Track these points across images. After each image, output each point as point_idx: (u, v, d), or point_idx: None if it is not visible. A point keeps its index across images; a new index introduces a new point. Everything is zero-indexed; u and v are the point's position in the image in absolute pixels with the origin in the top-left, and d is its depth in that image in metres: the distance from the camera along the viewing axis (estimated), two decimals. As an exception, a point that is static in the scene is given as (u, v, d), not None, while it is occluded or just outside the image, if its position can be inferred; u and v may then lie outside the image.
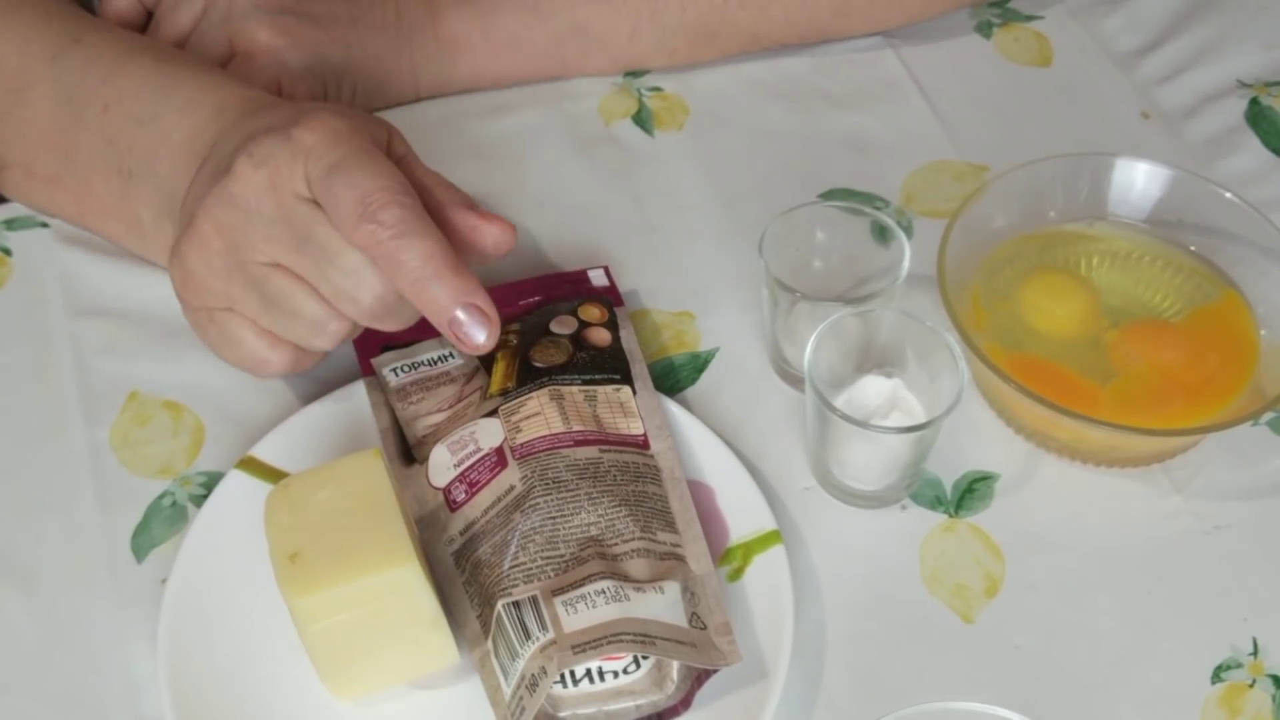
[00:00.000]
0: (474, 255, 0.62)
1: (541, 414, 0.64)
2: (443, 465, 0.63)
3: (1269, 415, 0.70)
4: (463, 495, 0.62)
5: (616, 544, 0.60)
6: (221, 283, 0.61)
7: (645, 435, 0.65)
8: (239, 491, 0.64)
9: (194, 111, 0.66)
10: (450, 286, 0.57)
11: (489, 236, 0.62)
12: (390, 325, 0.61)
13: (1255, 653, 0.63)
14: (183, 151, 0.65)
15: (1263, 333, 0.69)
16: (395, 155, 0.62)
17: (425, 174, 0.63)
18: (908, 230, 0.77)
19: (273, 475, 0.64)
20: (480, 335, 0.58)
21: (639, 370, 0.67)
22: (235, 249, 0.60)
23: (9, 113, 0.70)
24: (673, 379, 0.71)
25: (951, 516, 0.67)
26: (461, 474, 0.63)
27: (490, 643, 0.58)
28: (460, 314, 0.58)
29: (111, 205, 0.70)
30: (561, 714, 0.57)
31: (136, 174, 0.67)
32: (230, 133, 0.63)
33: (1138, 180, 0.74)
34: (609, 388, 0.66)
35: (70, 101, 0.68)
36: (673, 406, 0.67)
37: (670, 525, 0.62)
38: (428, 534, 0.63)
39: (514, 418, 0.64)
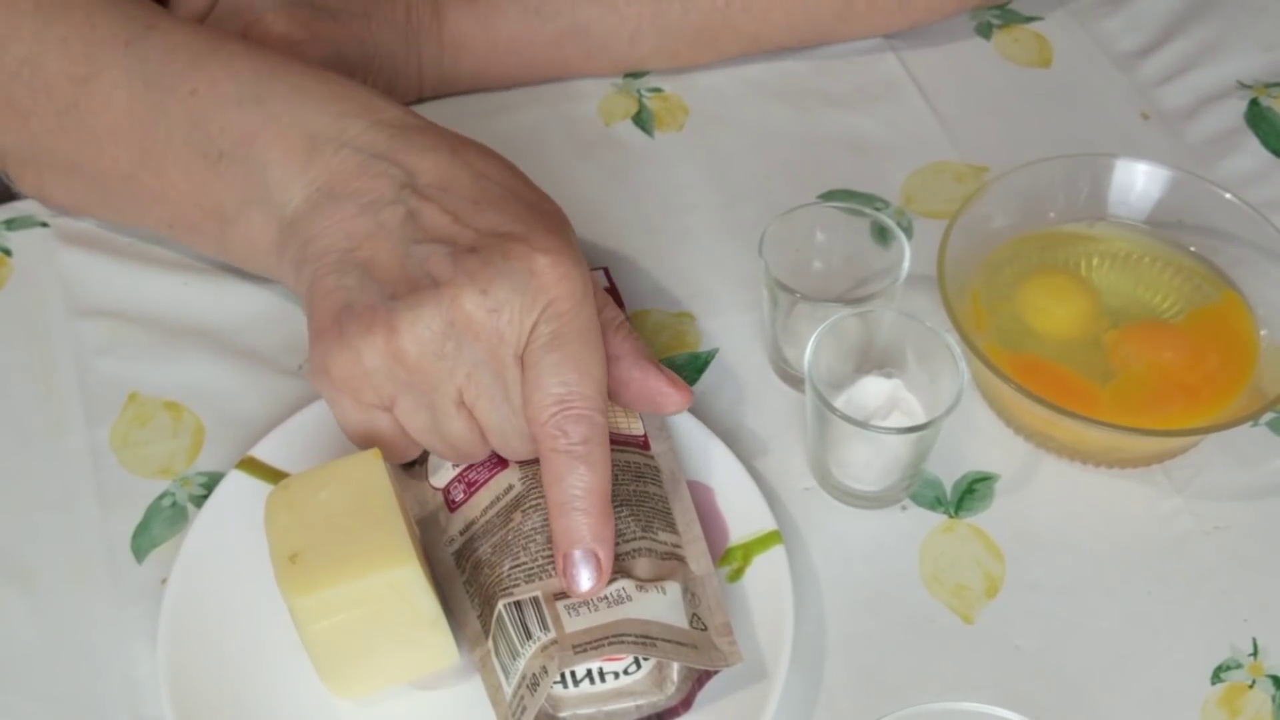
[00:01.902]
0: (650, 411, 0.63)
1: (542, 414, 0.64)
2: (442, 466, 0.63)
3: (1269, 416, 0.70)
4: (462, 495, 0.62)
5: (618, 544, 0.60)
6: (394, 389, 0.58)
7: (646, 436, 0.65)
8: (239, 492, 0.64)
9: (302, 98, 0.62)
10: (590, 528, 0.57)
11: (671, 404, 0.62)
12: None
13: (1255, 653, 0.63)
14: (291, 135, 0.61)
15: (1263, 333, 0.70)
16: (602, 317, 0.61)
17: (626, 345, 0.62)
18: (908, 231, 0.77)
19: (273, 476, 0.64)
20: (586, 584, 0.57)
21: (639, 371, 0.67)
22: (430, 374, 0.57)
23: (74, 104, 0.65)
24: (673, 379, 0.71)
25: (951, 517, 0.67)
26: (460, 474, 0.63)
27: (491, 642, 0.58)
28: (578, 553, 0.57)
29: (189, 194, 0.64)
30: (562, 714, 0.57)
31: (227, 156, 0.62)
32: (348, 122, 0.60)
33: (1137, 181, 0.74)
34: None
35: (149, 87, 0.64)
36: (673, 407, 0.67)
37: (671, 526, 0.62)
38: (428, 534, 0.63)
39: (514, 418, 0.64)
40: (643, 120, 0.83)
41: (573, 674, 0.57)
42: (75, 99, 0.65)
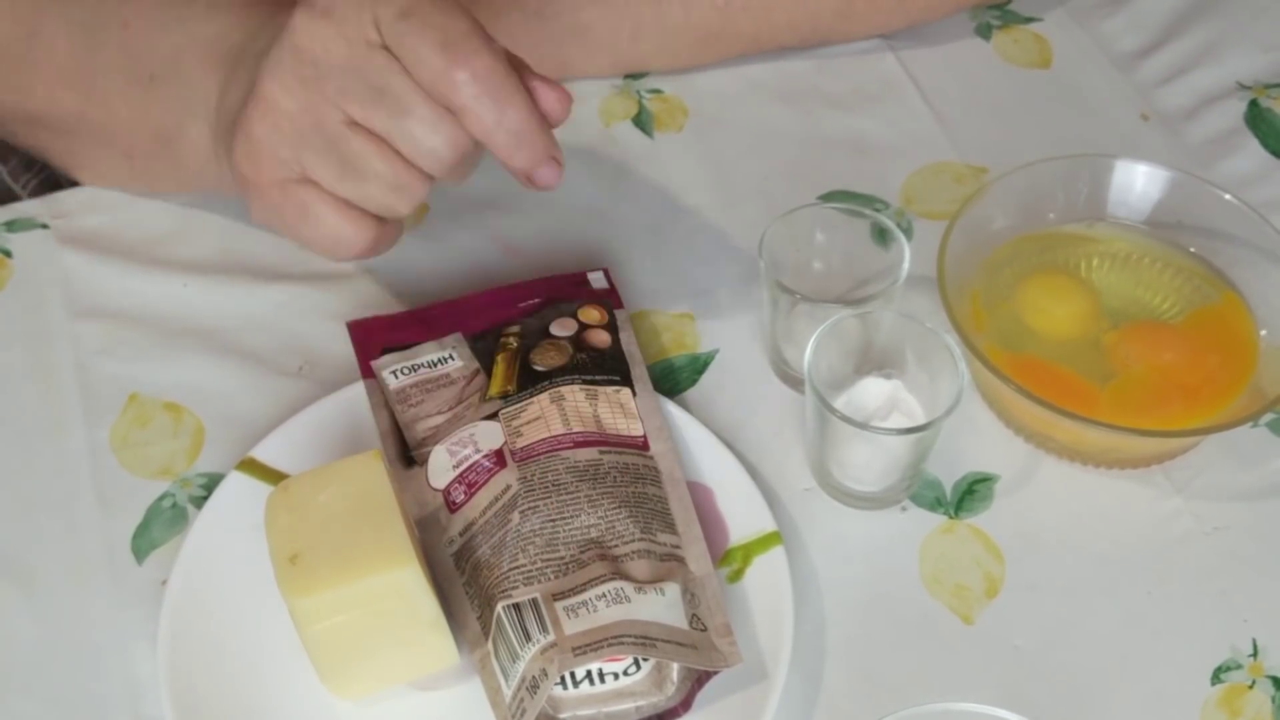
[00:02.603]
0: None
1: (543, 417, 0.64)
2: (442, 467, 0.63)
3: (1269, 416, 0.70)
4: (462, 496, 0.62)
5: (617, 545, 0.60)
6: (292, 150, 0.57)
7: (645, 437, 0.65)
8: (239, 493, 0.64)
9: (218, 13, 0.64)
10: (541, 147, 0.57)
11: (544, 98, 0.59)
12: (456, 178, 0.59)
13: (1255, 654, 0.63)
14: (210, 51, 0.63)
15: (1262, 334, 0.70)
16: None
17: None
18: (907, 232, 0.77)
19: (273, 477, 0.64)
20: (554, 182, 0.58)
21: (639, 372, 0.67)
22: (307, 109, 0.56)
23: (24, 57, 0.69)
24: (672, 380, 0.71)
25: (951, 517, 0.67)
26: (460, 475, 0.63)
27: (490, 644, 0.58)
28: (544, 170, 0.57)
29: (134, 120, 0.68)
30: (562, 715, 0.57)
31: (159, 77, 0.66)
32: (259, 33, 0.62)
33: (1137, 182, 0.74)
34: (609, 389, 0.66)
35: (87, 29, 0.68)
36: (672, 408, 0.67)
37: (670, 527, 0.62)
38: (428, 535, 0.63)
39: (515, 422, 0.64)
40: (642, 121, 0.83)
41: (572, 675, 0.57)
42: (24, 55, 0.69)
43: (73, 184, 0.78)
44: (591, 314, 0.70)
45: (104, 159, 0.73)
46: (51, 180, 0.80)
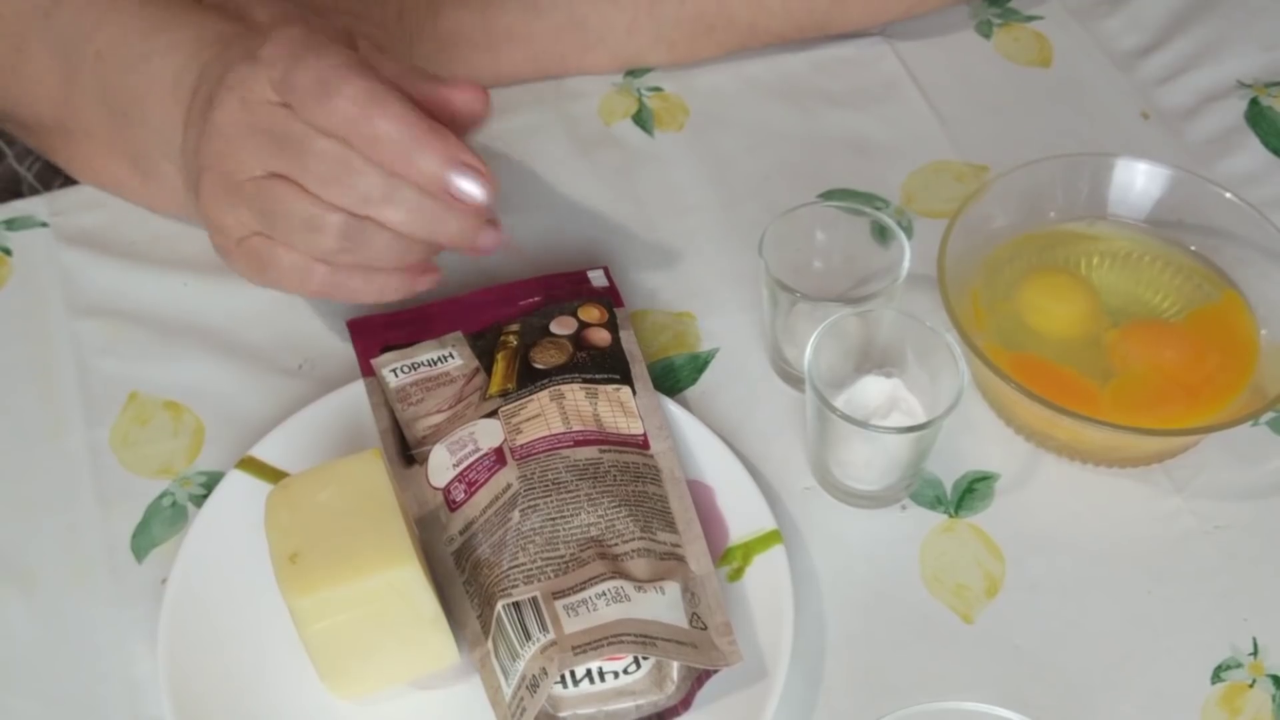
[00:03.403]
0: (450, 126, 0.61)
1: (542, 415, 0.64)
2: (442, 465, 0.63)
3: (1269, 415, 0.70)
4: (462, 495, 0.62)
5: (617, 544, 0.60)
6: (231, 214, 0.61)
7: (645, 435, 0.65)
8: (239, 492, 0.64)
9: (176, 51, 0.66)
10: (435, 150, 0.57)
11: (456, 99, 0.60)
12: (391, 213, 0.59)
13: (1255, 653, 0.63)
14: (170, 93, 0.65)
15: (1263, 333, 0.69)
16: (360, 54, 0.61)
17: (393, 68, 0.61)
18: (908, 230, 0.77)
19: (273, 475, 0.64)
20: (478, 191, 0.58)
21: (639, 371, 0.67)
22: (228, 175, 0.60)
23: (16, 69, 0.71)
24: (673, 379, 0.71)
25: (951, 516, 0.67)
26: (460, 474, 0.63)
27: (490, 643, 0.58)
28: (454, 176, 0.57)
29: (112, 150, 0.70)
30: (562, 714, 0.57)
31: (130, 117, 0.68)
32: (209, 70, 0.63)
33: (1138, 180, 0.74)
34: (609, 387, 0.66)
35: (65, 55, 0.69)
36: (673, 407, 0.67)
37: (670, 525, 0.62)
38: (428, 534, 0.63)
39: (514, 420, 0.64)
40: (642, 120, 0.83)
41: (572, 673, 0.57)
42: (16, 65, 0.71)
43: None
44: (591, 312, 0.70)
45: (100, 171, 0.74)
46: (53, 164, 0.80)
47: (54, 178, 0.83)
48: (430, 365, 0.68)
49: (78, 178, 0.76)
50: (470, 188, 0.58)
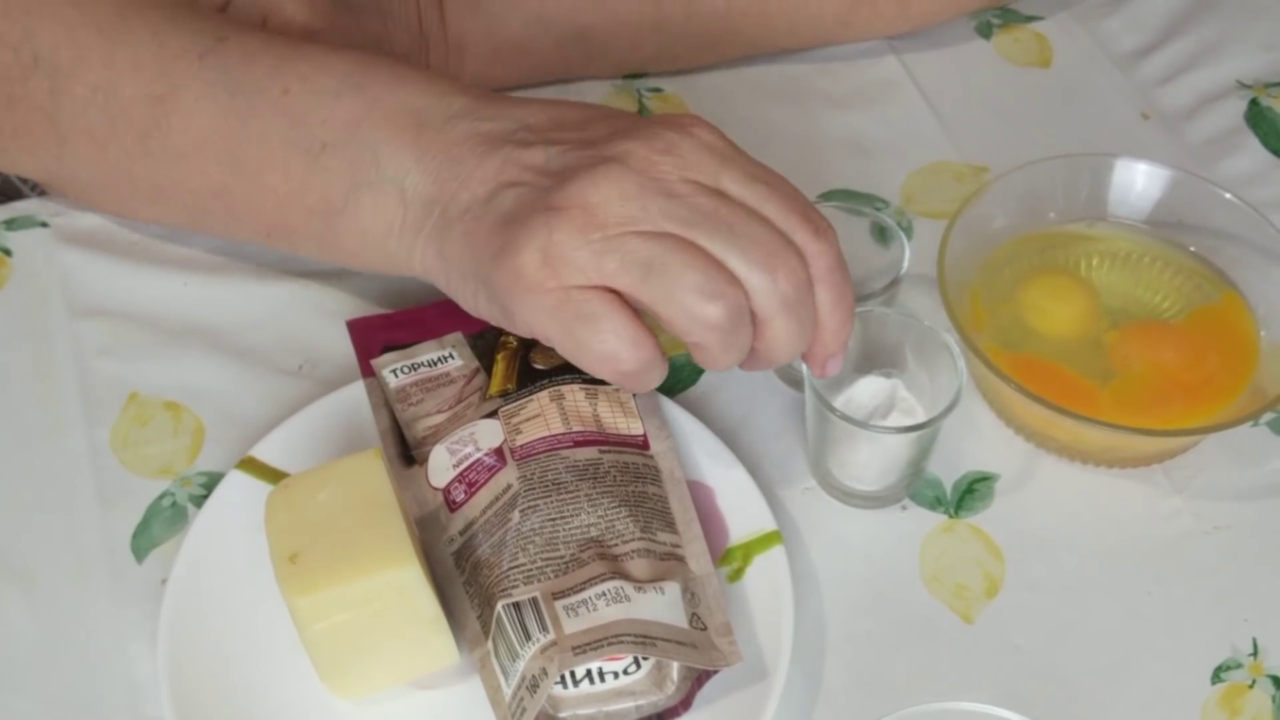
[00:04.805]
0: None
1: (541, 415, 0.64)
2: (442, 466, 0.63)
3: (1269, 415, 0.70)
4: (462, 495, 0.62)
5: (617, 545, 0.60)
6: (595, 257, 0.56)
7: (645, 436, 0.65)
8: (239, 492, 0.64)
9: (400, 82, 0.62)
10: (848, 308, 0.60)
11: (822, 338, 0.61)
12: (787, 322, 0.58)
13: (1255, 653, 0.63)
14: (398, 118, 0.61)
15: (1263, 333, 0.69)
16: None
17: None
18: (908, 231, 0.77)
19: (273, 475, 0.64)
20: (837, 370, 0.61)
21: (639, 371, 0.67)
22: (624, 222, 0.56)
23: (156, 125, 0.64)
24: (672, 379, 0.71)
25: (951, 517, 0.67)
26: (460, 474, 0.63)
27: (490, 643, 0.58)
28: (834, 361, 0.61)
29: (290, 195, 0.63)
30: (562, 714, 0.57)
31: (331, 145, 0.62)
32: (461, 109, 0.61)
33: (1137, 181, 0.74)
34: (609, 388, 0.66)
35: (236, 94, 0.63)
36: (672, 407, 0.67)
37: (670, 526, 0.62)
38: (428, 534, 0.63)
39: (514, 420, 0.64)
40: (643, 120, 0.83)
41: (572, 674, 0.57)
42: (156, 120, 0.64)
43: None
44: (591, 313, 0.69)
45: (234, 232, 0.68)
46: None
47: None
48: (430, 366, 0.68)
49: (215, 235, 0.72)
50: (835, 368, 0.61)
